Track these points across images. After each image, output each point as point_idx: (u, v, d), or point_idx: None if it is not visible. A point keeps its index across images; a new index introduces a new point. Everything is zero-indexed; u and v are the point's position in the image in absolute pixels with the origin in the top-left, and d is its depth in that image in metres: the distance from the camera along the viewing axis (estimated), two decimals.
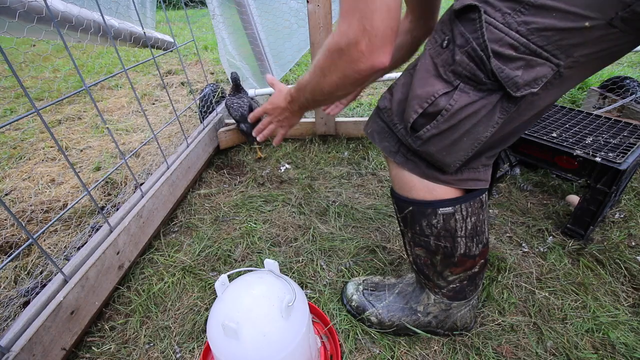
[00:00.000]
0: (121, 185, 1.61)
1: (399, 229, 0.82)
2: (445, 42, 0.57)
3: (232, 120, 1.96)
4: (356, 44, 0.53)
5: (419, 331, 0.88)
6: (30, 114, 0.81)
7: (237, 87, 1.78)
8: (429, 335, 0.89)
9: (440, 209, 0.69)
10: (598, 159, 1.05)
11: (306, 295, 1.02)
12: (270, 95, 2.36)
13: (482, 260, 0.77)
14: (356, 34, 0.53)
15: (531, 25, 0.49)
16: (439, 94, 0.57)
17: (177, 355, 0.90)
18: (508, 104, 0.56)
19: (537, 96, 0.56)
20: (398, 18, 0.53)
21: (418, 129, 0.61)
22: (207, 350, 0.87)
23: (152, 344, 0.93)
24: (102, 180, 1.19)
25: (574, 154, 1.10)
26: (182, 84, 3.10)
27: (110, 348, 0.93)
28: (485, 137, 0.59)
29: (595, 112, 1.37)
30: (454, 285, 0.80)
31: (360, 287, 0.96)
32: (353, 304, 0.94)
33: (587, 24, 0.48)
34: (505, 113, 0.56)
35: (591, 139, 1.18)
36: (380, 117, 0.69)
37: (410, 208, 0.72)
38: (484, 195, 0.71)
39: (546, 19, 0.49)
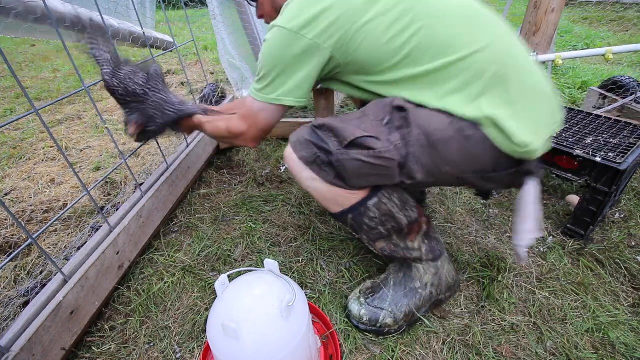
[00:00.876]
0: (121, 185, 1.61)
1: (355, 240, 0.93)
2: (386, 120, 0.73)
3: None
4: (241, 135, 0.92)
5: (425, 320, 0.92)
6: (30, 114, 0.81)
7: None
8: (429, 326, 0.89)
9: (368, 203, 0.80)
10: (598, 159, 1.05)
11: (306, 295, 1.02)
12: None
13: (424, 218, 0.90)
14: (242, 131, 0.90)
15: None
16: (379, 138, 0.71)
17: (177, 355, 0.90)
18: (407, 179, 0.74)
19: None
20: (268, 132, 0.91)
21: (349, 149, 0.73)
22: (207, 350, 0.87)
23: (152, 344, 0.93)
24: (102, 180, 1.19)
25: (574, 154, 1.10)
26: (182, 84, 3.09)
27: (110, 348, 0.93)
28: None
29: (595, 112, 1.37)
30: (424, 248, 0.91)
31: (362, 299, 0.94)
32: (365, 319, 0.92)
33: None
34: (403, 184, 0.76)
35: (591, 139, 1.18)
36: (314, 130, 0.77)
37: (350, 216, 0.82)
38: None
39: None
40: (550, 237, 1.18)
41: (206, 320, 0.96)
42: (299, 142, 0.77)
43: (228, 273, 0.75)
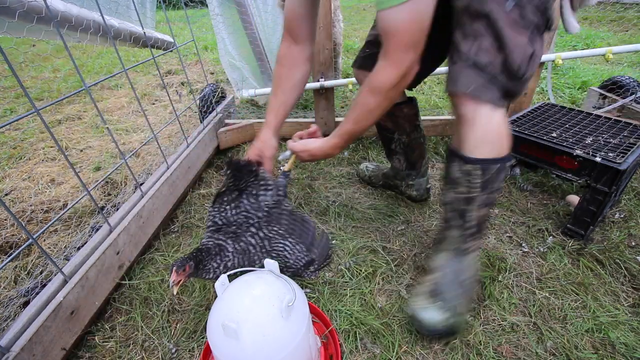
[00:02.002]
0: (121, 185, 1.61)
1: (468, 200, 0.86)
2: (510, 3, 0.70)
3: (233, 120, 1.95)
4: (413, 61, 0.77)
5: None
6: (30, 114, 0.81)
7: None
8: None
9: (508, 163, 0.82)
10: (598, 159, 1.05)
11: (306, 295, 1.02)
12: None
13: None
14: (411, 58, 0.77)
15: None
16: (526, 42, 0.72)
17: (176, 355, 0.90)
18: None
19: None
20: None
21: (522, 74, 0.75)
22: (207, 350, 0.87)
23: (152, 343, 0.93)
24: (102, 180, 1.19)
25: (574, 154, 1.10)
26: (182, 84, 3.10)
27: (110, 348, 0.93)
28: None
29: (595, 112, 1.37)
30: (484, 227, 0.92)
31: (431, 307, 0.88)
32: (440, 326, 0.87)
33: None
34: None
35: (591, 139, 1.18)
36: (483, 71, 0.75)
37: (497, 166, 0.81)
38: None
39: None
40: (550, 237, 1.18)
41: (206, 320, 0.96)
42: (482, 87, 0.76)
43: (228, 273, 0.75)
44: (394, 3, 0.69)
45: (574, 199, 1.29)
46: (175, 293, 0.86)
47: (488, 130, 0.78)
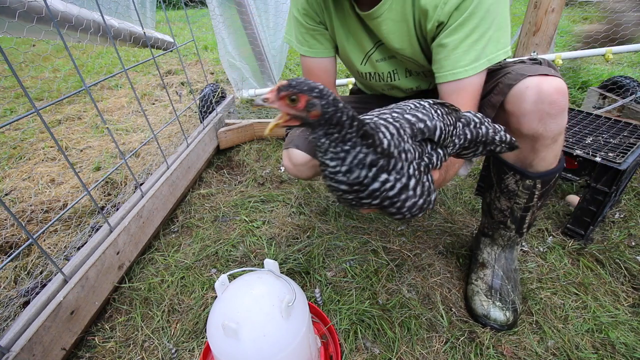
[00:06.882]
0: (121, 185, 1.61)
1: (527, 209, 0.90)
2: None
3: (233, 120, 1.95)
4: None
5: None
6: (30, 114, 0.81)
7: None
8: (429, 326, 0.89)
9: (562, 168, 0.86)
10: (598, 159, 1.05)
11: (306, 295, 1.02)
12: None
13: None
14: None
15: None
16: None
17: (176, 355, 0.90)
18: None
19: None
20: None
21: None
22: (207, 350, 0.87)
23: (151, 343, 0.93)
24: (102, 180, 1.19)
25: (574, 154, 1.10)
26: (182, 84, 3.09)
27: (110, 347, 0.93)
28: None
29: (595, 112, 1.37)
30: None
31: (498, 303, 0.93)
32: (511, 321, 0.92)
33: None
34: None
35: (591, 139, 1.18)
36: None
37: (557, 175, 0.85)
38: None
39: None
40: (550, 237, 1.18)
41: (206, 320, 0.96)
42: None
43: (228, 273, 0.75)
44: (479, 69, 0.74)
45: (574, 199, 1.29)
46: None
47: (553, 152, 0.81)
